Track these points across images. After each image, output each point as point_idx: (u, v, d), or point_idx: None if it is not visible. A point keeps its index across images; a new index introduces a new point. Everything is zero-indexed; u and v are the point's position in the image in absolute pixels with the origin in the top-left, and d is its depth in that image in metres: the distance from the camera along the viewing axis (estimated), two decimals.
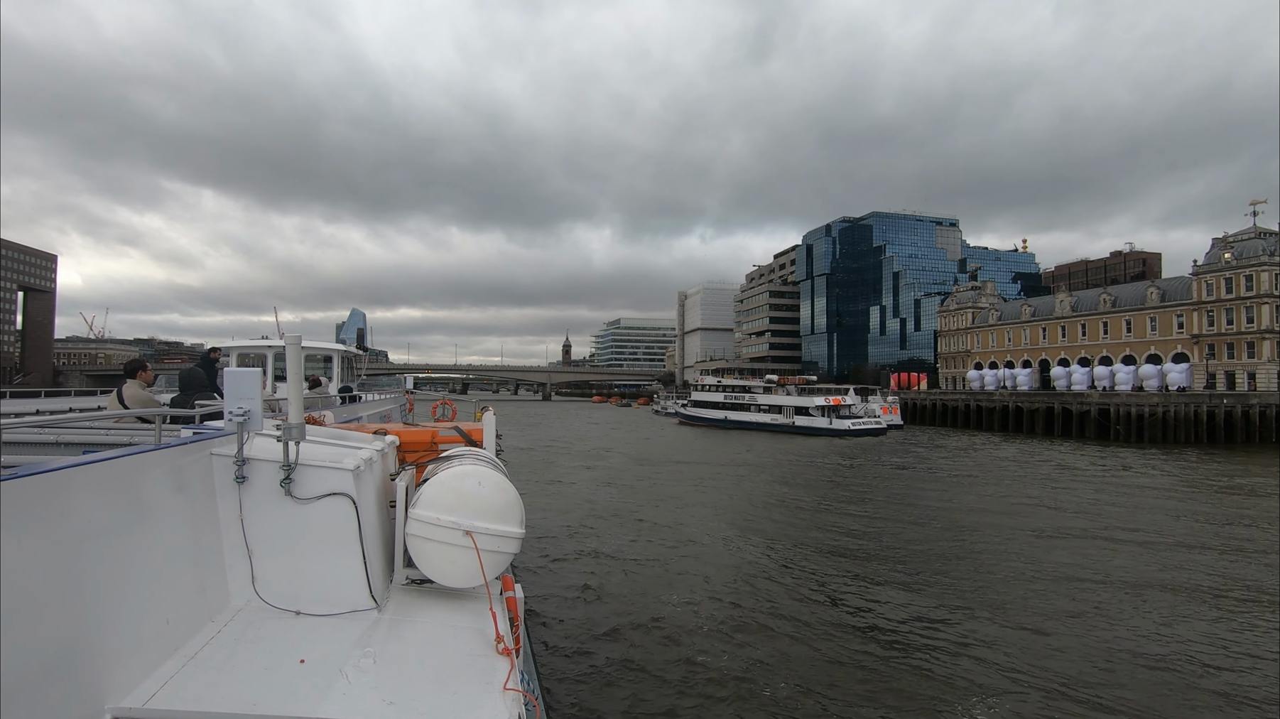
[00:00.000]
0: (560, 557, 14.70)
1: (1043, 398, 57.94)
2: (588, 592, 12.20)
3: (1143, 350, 64.02)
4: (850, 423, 50.34)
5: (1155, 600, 11.99)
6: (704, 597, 12.05)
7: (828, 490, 25.10)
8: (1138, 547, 16.09)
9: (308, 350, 14.01)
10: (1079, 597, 12.13)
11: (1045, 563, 14.35)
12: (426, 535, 3.60)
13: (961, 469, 32.22)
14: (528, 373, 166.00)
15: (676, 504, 21.73)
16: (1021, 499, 23.19)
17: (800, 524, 18.76)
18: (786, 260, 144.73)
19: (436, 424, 7.32)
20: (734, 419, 60.54)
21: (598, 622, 10.66)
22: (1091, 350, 68.95)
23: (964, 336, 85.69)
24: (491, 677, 2.89)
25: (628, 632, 10.25)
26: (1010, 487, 26.25)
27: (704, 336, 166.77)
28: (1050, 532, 17.66)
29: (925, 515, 19.98)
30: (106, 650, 2.36)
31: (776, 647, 9.79)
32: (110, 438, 4.44)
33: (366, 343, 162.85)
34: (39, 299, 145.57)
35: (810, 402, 53.16)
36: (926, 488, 25.81)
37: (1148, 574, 13.66)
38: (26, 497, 2.15)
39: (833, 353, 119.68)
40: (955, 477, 29.46)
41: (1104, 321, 67.98)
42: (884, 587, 12.78)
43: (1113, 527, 18.32)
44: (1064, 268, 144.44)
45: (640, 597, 12.01)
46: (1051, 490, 25.12)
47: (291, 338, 4.00)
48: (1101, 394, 53.13)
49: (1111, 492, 25.04)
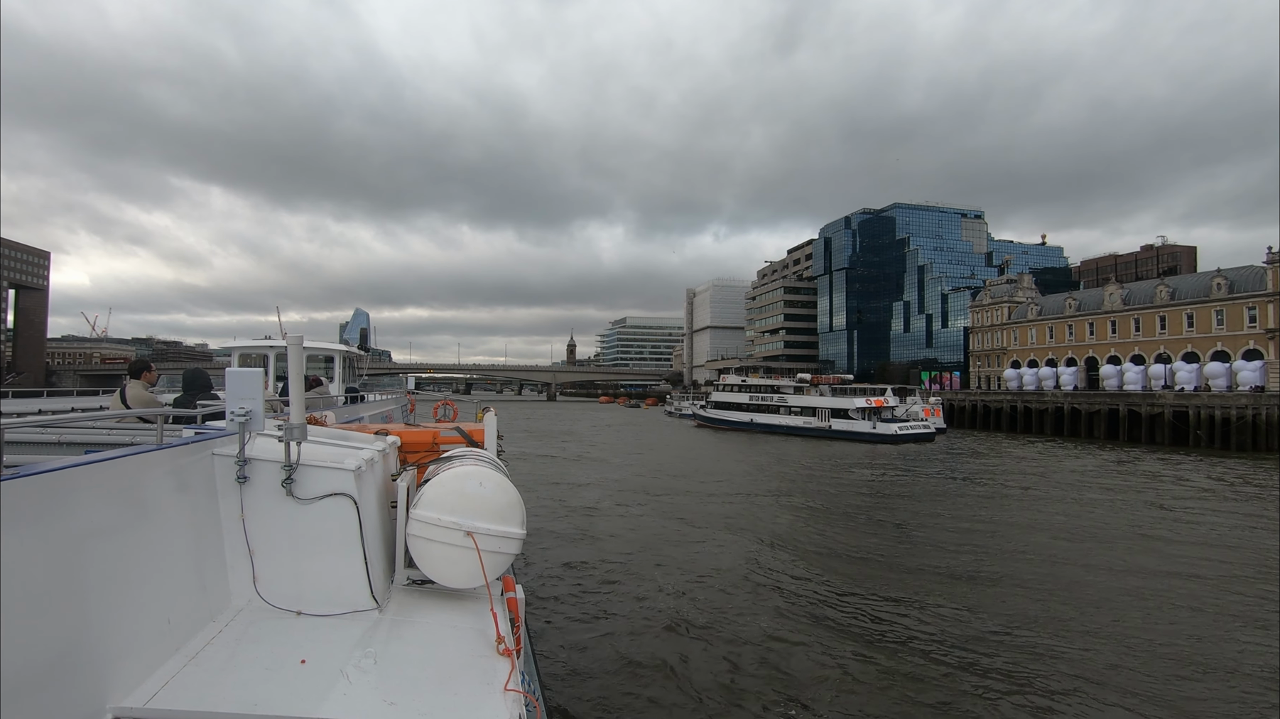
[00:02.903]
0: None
1: (1103, 398, 52.43)
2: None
3: (1207, 346, 58.31)
4: (896, 427, 44.86)
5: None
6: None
7: (912, 514, 19.85)
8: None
9: (309, 351, 13.77)
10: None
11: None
12: (428, 536, 3.59)
13: (1051, 487, 26.83)
14: (532, 373, 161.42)
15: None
16: (1166, 536, 17.87)
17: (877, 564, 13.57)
18: (801, 255, 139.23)
19: (438, 425, 7.07)
20: (760, 422, 55.13)
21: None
22: (1146, 347, 63.25)
23: (999, 333, 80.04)
24: (492, 677, 2.89)
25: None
26: (1134, 513, 20.92)
27: (714, 335, 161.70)
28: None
29: (1076, 582, 14.69)
30: (108, 650, 2.36)
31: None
32: (112, 438, 4.23)
33: (370, 343, 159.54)
34: (31, 297, 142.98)
35: (850, 403, 47.75)
36: (1034, 515, 20.51)
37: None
38: (28, 496, 2.14)
39: (852, 351, 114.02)
40: (1054, 500, 24.08)
41: (1161, 315, 62.26)
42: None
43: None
44: (1090, 262, 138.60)
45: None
46: (1197, 523, 19.78)
47: (293, 338, 3.95)
48: (1177, 395, 47.54)
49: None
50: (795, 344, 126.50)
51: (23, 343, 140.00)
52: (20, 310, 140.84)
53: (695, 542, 16.33)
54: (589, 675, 8.72)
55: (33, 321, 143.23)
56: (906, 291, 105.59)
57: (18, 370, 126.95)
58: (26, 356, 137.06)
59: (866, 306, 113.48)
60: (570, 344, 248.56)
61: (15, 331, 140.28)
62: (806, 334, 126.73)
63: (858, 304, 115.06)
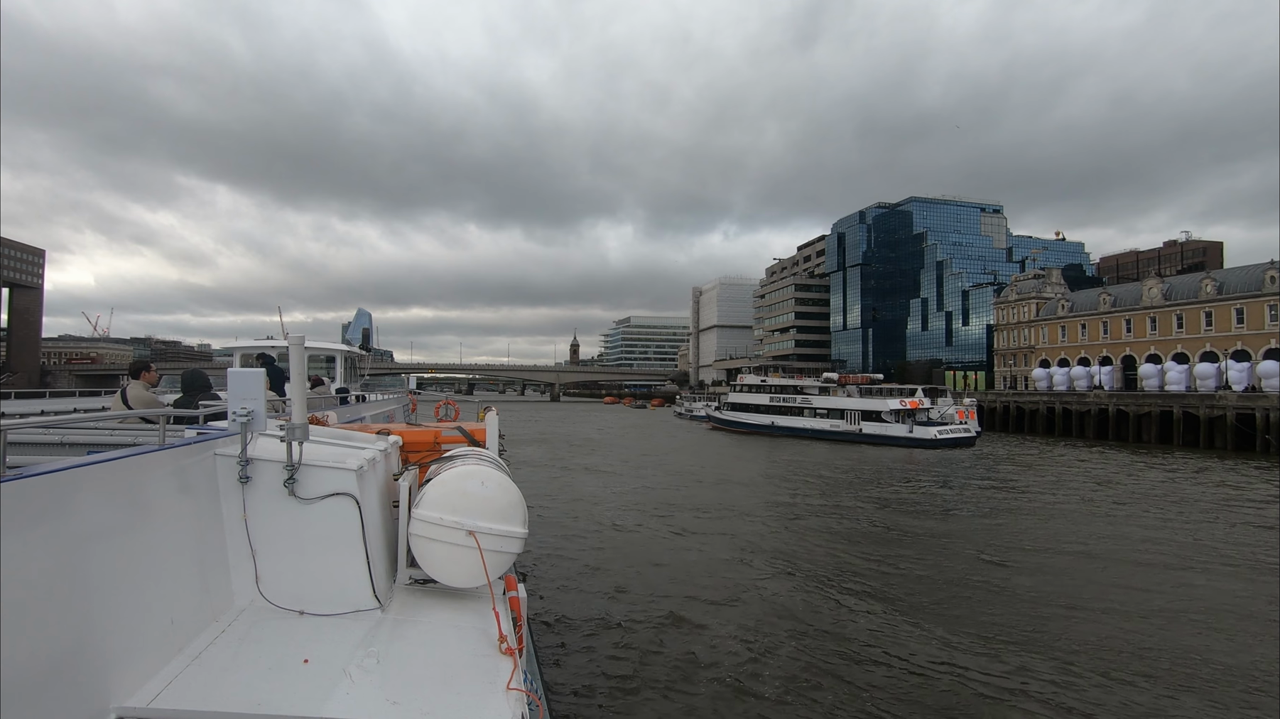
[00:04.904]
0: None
1: (1153, 399, 48.70)
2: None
3: (1259, 344, 54.52)
4: (936, 431, 41.14)
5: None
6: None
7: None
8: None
9: (310, 351, 13.44)
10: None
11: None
12: (430, 535, 3.59)
13: (1138, 501, 23.16)
14: (535, 373, 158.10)
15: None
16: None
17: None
18: (813, 252, 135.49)
19: (439, 424, 7.04)
20: (782, 425, 51.45)
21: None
22: (1191, 345, 59.42)
23: (1027, 330, 76.25)
24: (495, 676, 2.88)
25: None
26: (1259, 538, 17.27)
27: (720, 334, 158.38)
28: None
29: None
30: (111, 650, 2.36)
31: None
32: (114, 438, 4.28)
33: (372, 343, 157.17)
34: (25, 295, 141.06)
35: (883, 405, 44.05)
36: (1150, 536, 16.87)
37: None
38: (31, 497, 2.13)
39: (867, 350, 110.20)
40: (1165, 522, 20.41)
41: (1206, 311, 58.42)
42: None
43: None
44: (1110, 259, 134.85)
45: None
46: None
47: (294, 338, 3.93)
48: (1241, 395, 43.73)
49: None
50: (806, 343, 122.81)
51: (17, 342, 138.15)
52: (14, 309, 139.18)
53: (724, 566, 13.92)
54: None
55: (27, 321, 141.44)
56: (924, 288, 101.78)
57: (12, 370, 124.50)
58: (21, 356, 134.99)
59: (882, 304, 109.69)
60: (573, 344, 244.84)
61: (9, 331, 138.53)
62: (818, 333, 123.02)
63: (873, 302, 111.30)
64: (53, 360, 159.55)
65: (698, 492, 24.52)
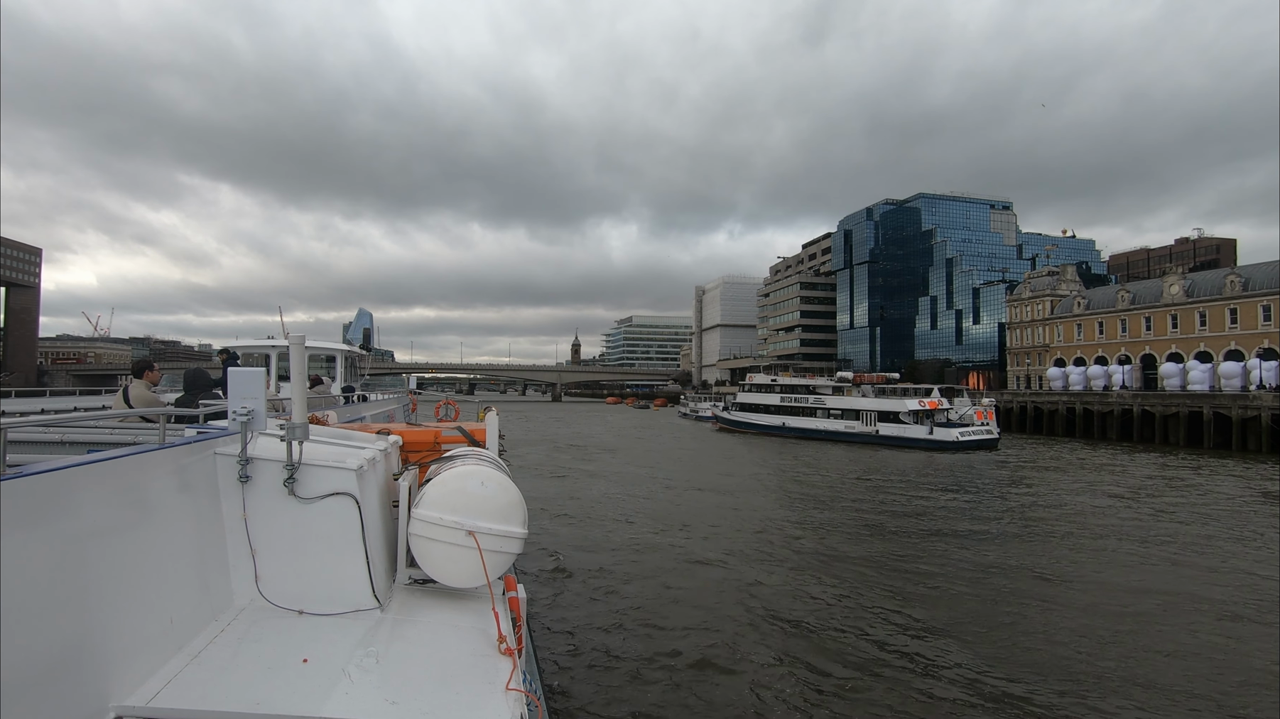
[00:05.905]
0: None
1: (1181, 399, 46.77)
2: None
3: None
4: (958, 433, 39.25)
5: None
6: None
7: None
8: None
9: (311, 350, 13.47)
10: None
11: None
12: (429, 535, 3.58)
13: (1209, 516, 21.32)
14: (536, 372, 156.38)
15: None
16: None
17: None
18: (818, 250, 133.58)
19: (440, 424, 7.01)
20: (794, 426, 49.60)
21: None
22: (1214, 344, 57.50)
23: (1041, 329, 74.30)
24: (494, 677, 2.88)
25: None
26: None
27: (724, 334, 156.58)
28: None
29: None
30: (111, 649, 2.37)
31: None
32: (115, 437, 4.27)
33: (373, 342, 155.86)
34: (22, 294, 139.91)
35: (901, 405, 42.15)
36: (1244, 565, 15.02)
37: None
38: (31, 496, 2.14)
39: (875, 350, 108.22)
40: (1246, 539, 18.56)
41: (1231, 308, 56.49)
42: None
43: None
44: (1120, 257, 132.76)
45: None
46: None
47: (295, 338, 3.89)
48: (1278, 394, 41.78)
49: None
50: (812, 342, 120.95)
51: (13, 341, 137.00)
52: (11, 309, 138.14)
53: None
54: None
55: (24, 320, 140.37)
56: (933, 286, 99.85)
57: (8, 370, 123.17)
58: (17, 356, 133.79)
59: (889, 303, 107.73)
60: (575, 344, 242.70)
61: (6, 330, 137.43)
62: (824, 332, 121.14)
63: (880, 300, 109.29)
64: (50, 360, 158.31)
65: (704, 497, 22.71)
